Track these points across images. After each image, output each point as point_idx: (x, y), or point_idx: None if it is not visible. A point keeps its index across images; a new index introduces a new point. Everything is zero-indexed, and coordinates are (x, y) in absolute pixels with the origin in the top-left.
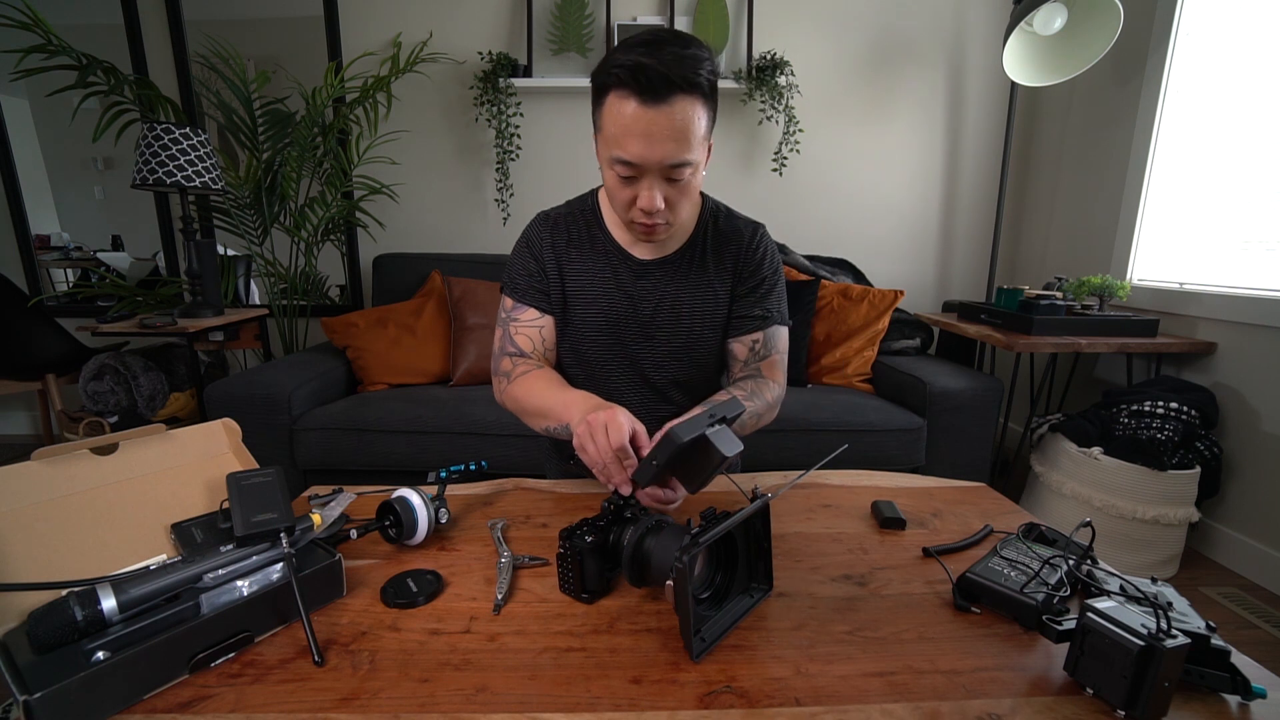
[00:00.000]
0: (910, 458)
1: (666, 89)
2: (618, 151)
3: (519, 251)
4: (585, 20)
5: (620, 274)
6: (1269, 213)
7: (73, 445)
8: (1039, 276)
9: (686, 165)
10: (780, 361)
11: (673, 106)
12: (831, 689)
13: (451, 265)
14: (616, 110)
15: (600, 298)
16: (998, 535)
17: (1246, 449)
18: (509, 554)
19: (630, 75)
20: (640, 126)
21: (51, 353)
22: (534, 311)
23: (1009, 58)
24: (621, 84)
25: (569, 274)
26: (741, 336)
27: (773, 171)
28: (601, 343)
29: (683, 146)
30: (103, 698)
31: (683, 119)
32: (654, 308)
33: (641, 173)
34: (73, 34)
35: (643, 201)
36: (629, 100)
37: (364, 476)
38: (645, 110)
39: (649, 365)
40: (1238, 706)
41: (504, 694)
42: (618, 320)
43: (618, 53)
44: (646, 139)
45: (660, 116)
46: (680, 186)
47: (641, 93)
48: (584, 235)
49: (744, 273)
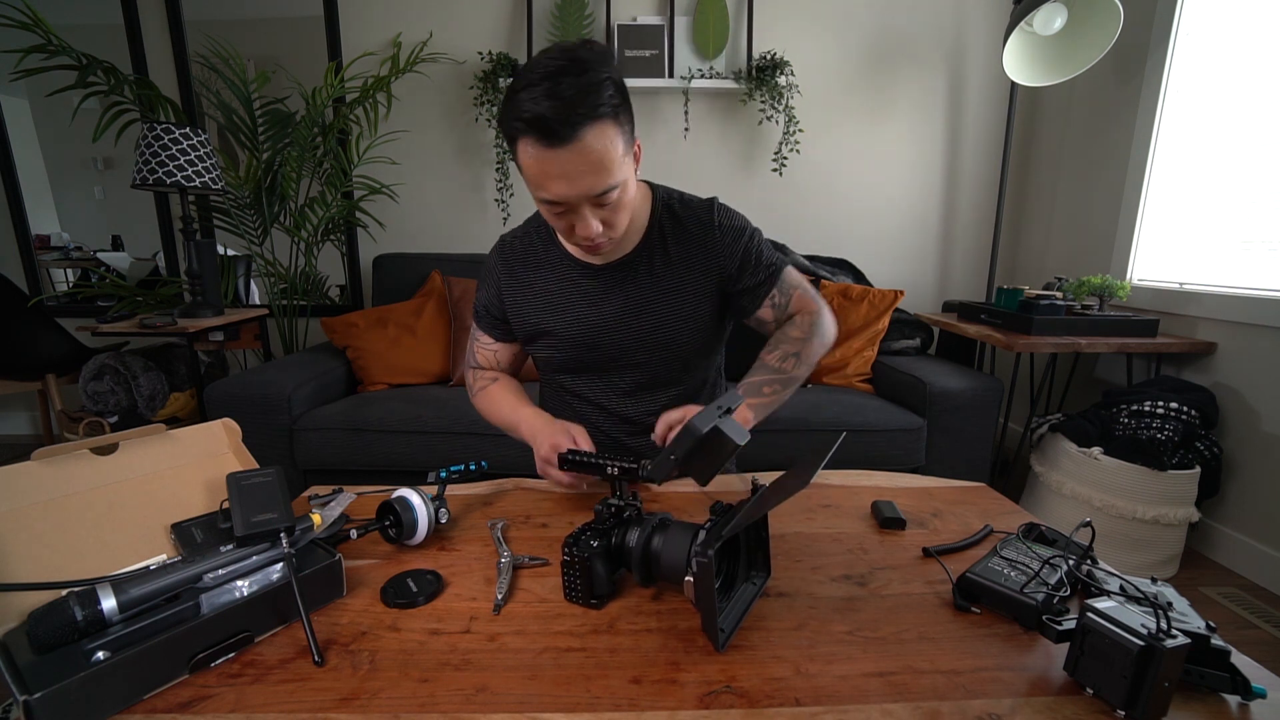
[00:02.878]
0: (910, 458)
1: (571, 128)
2: (541, 193)
3: (482, 282)
4: (585, 20)
5: (581, 284)
6: (1269, 213)
7: (73, 445)
8: (1039, 276)
9: (612, 189)
10: (802, 294)
11: (583, 142)
12: (831, 689)
13: (451, 265)
14: (529, 157)
15: (566, 310)
16: (998, 535)
17: (1246, 449)
18: (509, 554)
19: (530, 126)
20: (555, 169)
21: (51, 353)
22: (489, 338)
23: (1009, 58)
24: (525, 134)
25: (531, 294)
26: (762, 304)
27: (773, 171)
28: (576, 353)
29: (603, 175)
30: (103, 698)
31: (596, 150)
32: (619, 309)
33: (570, 206)
34: (73, 34)
35: (581, 231)
36: (535, 145)
37: (364, 476)
38: (556, 153)
39: (627, 367)
40: (1238, 706)
41: (504, 694)
42: (588, 329)
43: (520, 94)
44: (565, 179)
45: (572, 155)
46: (613, 205)
47: (547, 138)
48: (540, 253)
49: (725, 255)
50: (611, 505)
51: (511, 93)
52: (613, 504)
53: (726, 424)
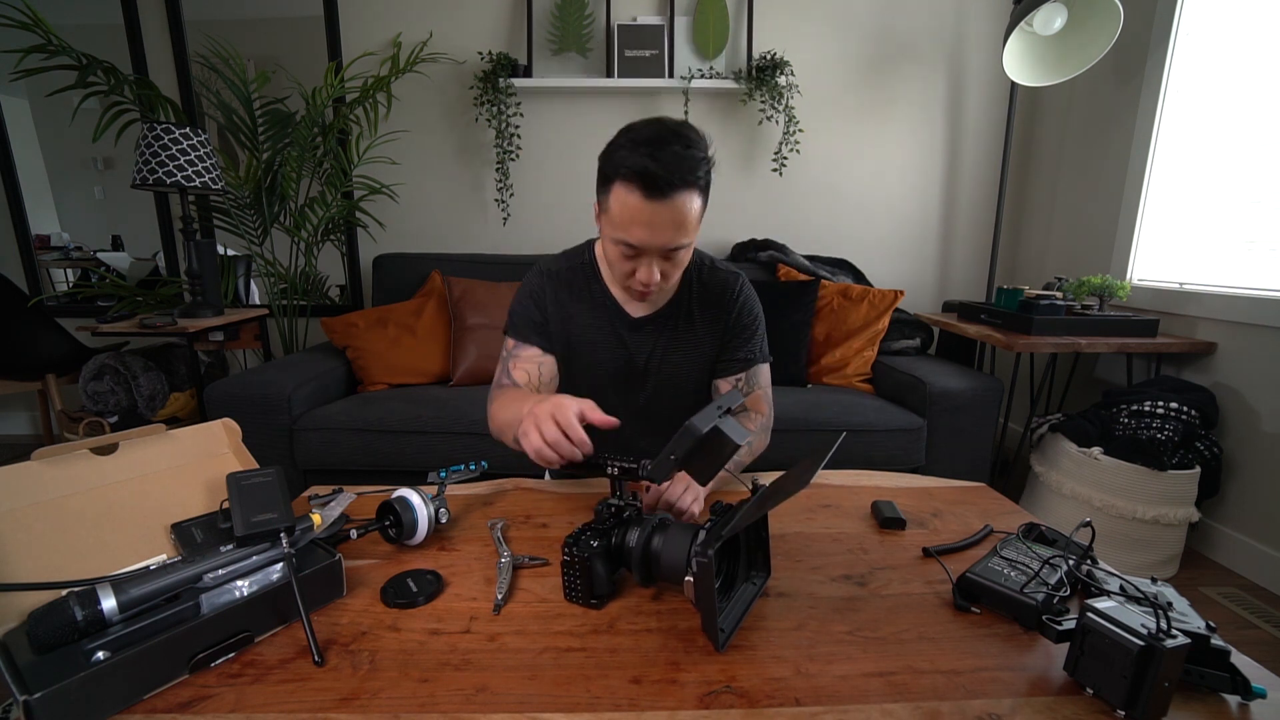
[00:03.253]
0: (910, 458)
1: (670, 188)
2: (622, 235)
3: (522, 300)
4: (585, 20)
5: (617, 327)
6: (1269, 213)
7: (73, 445)
8: (1039, 276)
9: (682, 247)
10: (764, 395)
11: (673, 201)
12: (831, 689)
13: (451, 265)
14: (622, 201)
15: (600, 348)
16: (998, 535)
17: (1246, 449)
18: (509, 554)
19: (636, 176)
20: (644, 218)
21: (51, 353)
22: (535, 349)
23: (1009, 58)
24: (629, 180)
25: (571, 325)
26: (727, 377)
27: (773, 171)
28: (601, 386)
29: (680, 233)
30: (103, 698)
31: (681, 211)
32: (646, 358)
33: (642, 253)
34: (73, 34)
35: (642, 276)
36: (634, 194)
37: (364, 476)
38: (648, 204)
39: (643, 403)
40: (1238, 706)
41: (504, 694)
42: (615, 367)
43: (623, 149)
44: (649, 228)
45: (662, 209)
46: (675, 261)
47: (646, 191)
48: (584, 289)
49: (732, 325)
50: (611, 505)
51: (623, 142)
52: (613, 504)
53: (726, 424)
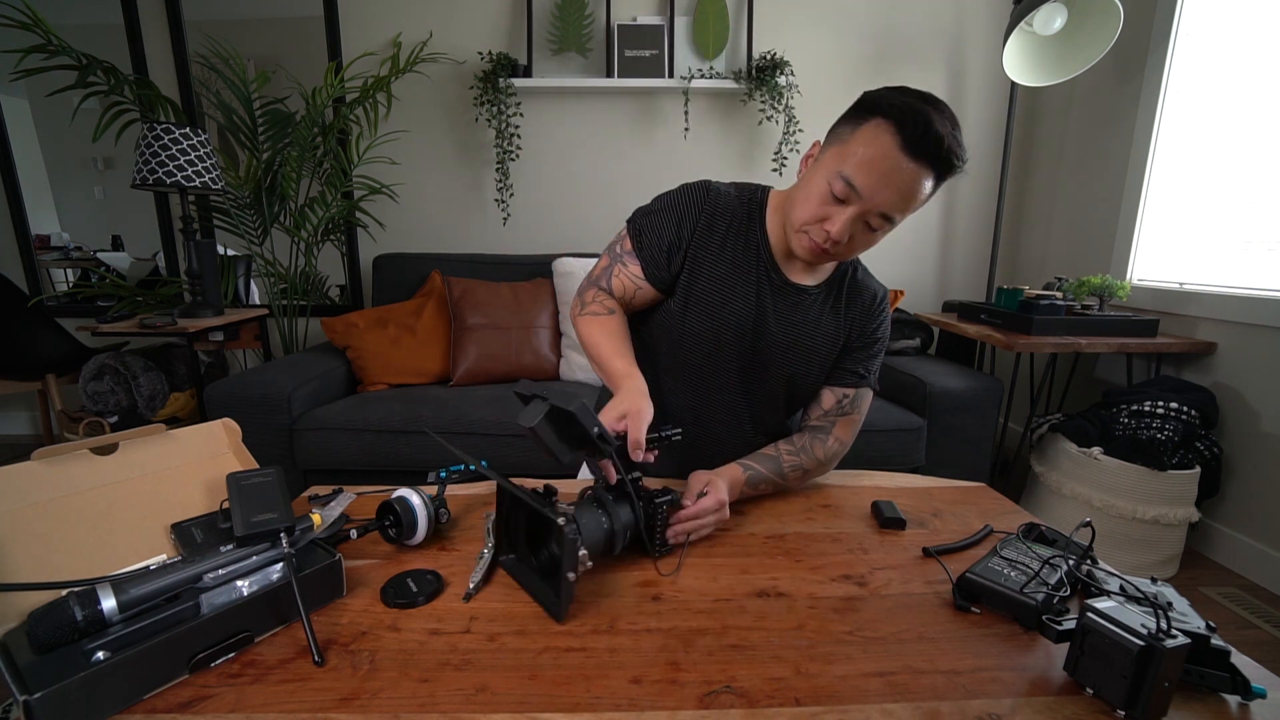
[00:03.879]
0: (910, 458)
1: (928, 150)
2: (851, 172)
3: (669, 209)
4: (585, 20)
5: (762, 284)
6: (1269, 213)
7: (73, 445)
8: (1039, 276)
9: (892, 220)
10: (858, 422)
11: (922, 167)
12: (831, 689)
13: (451, 265)
14: (874, 138)
15: (734, 297)
16: (998, 535)
17: (1246, 449)
18: (492, 545)
19: (911, 118)
20: (887, 165)
21: (51, 353)
22: (640, 271)
23: (1009, 58)
24: (896, 119)
25: (710, 259)
26: (835, 387)
27: (773, 171)
28: (715, 339)
29: (905, 205)
30: (103, 698)
31: (921, 186)
32: (783, 327)
33: (853, 203)
34: (73, 34)
35: (833, 227)
36: (892, 137)
37: (364, 476)
38: (900, 156)
39: (739, 383)
40: (1238, 706)
41: (504, 694)
42: (740, 324)
43: (899, 94)
44: (884, 179)
45: (908, 170)
46: (870, 235)
47: (909, 139)
48: (741, 230)
49: (863, 330)
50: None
51: (899, 91)
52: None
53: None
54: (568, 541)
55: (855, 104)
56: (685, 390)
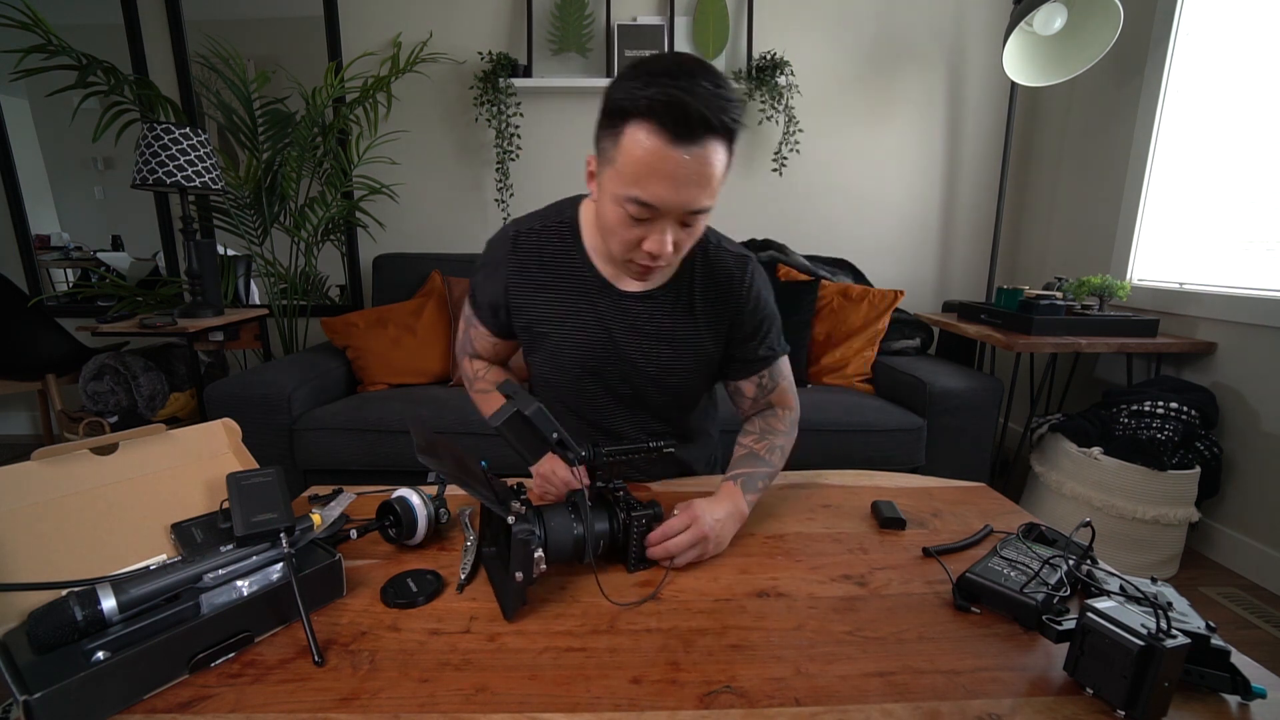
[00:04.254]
0: (910, 458)
1: (702, 129)
2: (635, 191)
3: (485, 267)
4: (585, 20)
5: (599, 305)
6: (1269, 213)
7: (73, 445)
8: (1039, 276)
9: (704, 210)
10: (787, 387)
11: (704, 149)
12: (831, 689)
13: (451, 265)
14: (639, 145)
15: (577, 330)
16: (998, 535)
17: (1246, 449)
18: (474, 538)
19: (664, 109)
20: (668, 168)
21: (51, 353)
22: (486, 331)
23: (1009, 58)
24: (651, 117)
25: (539, 300)
26: (748, 378)
27: (772, 171)
28: (575, 372)
29: (706, 191)
30: (103, 698)
31: (710, 162)
32: (636, 343)
33: (657, 215)
34: (73, 34)
35: (652, 245)
36: (656, 137)
37: (364, 476)
38: (674, 151)
39: (625, 397)
40: (1238, 706)
41: (504, 694)
42: (595, 351)
43: (639, 79)
44: (673, 182)
45: (691, 159)
46: (691, 230)
47: (674, 131)
48: (560, 258)
49: (741, 318)
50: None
51: (638, 73)
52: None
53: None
54: (517, 541)
55: (603, 109)
56: (588, 411)
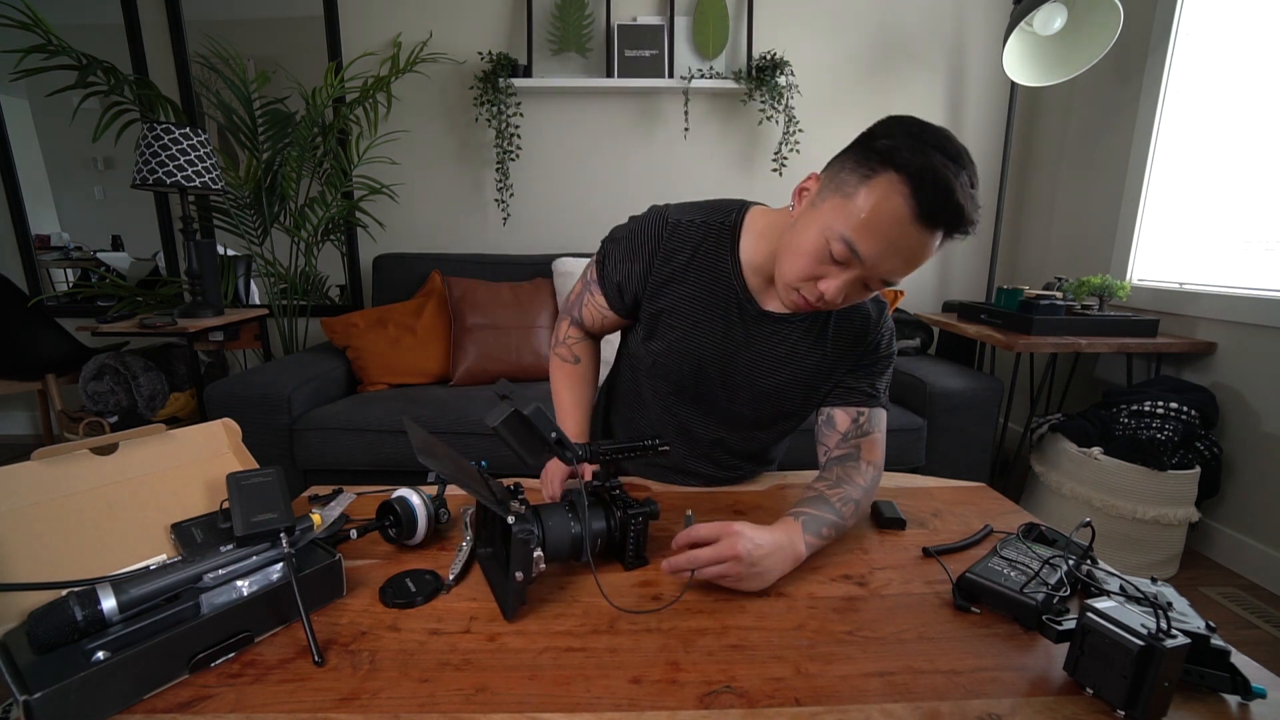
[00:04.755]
0: (910, 458)
1: (946, 223)
2: (854, 236)
3: (625, 241)
4: (585, 20)
5: (732, 315)
6: (1269, 213)
7: (73, 445)
8: (1039, 276)
9: (894, 283)
10: (879, 441)
11: (933, 236)
12: (831, 689)
13: (451, 265)
14: (887, 200)
15: (707, 333)
16: (998, 535)
17: (1246, 449)
18: (470, 538)
19: (931, 186)
20: (896, 233)
21: (51, 353)
22: (604, 302)
23: (1009, 58)
24: (913, 184)
25: (679, 293)
26: (847, 407)
27: (773, 171)
28: (687, 372)
29: (909, 269)
30: (103, 698)
31: (929, 248)
32: (760, 361)
33: (853, 268)
34: (73, 34)
35: (828, 288)
36: (908, 204)
37: (364, 476)
38: (914, 224)
39: (721, 409)
40: (1238, 706)
41: (504, 694)
42: (716, 358)
43: (912, 139)
44: (891, 247)
45: (919, 238)
46: (865, 293)
47: (928, 210)
48: (710, 259)
49: (864, 350)
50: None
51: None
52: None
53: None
54: (517, 541)
55: (864, 146)
56: (662, 404)
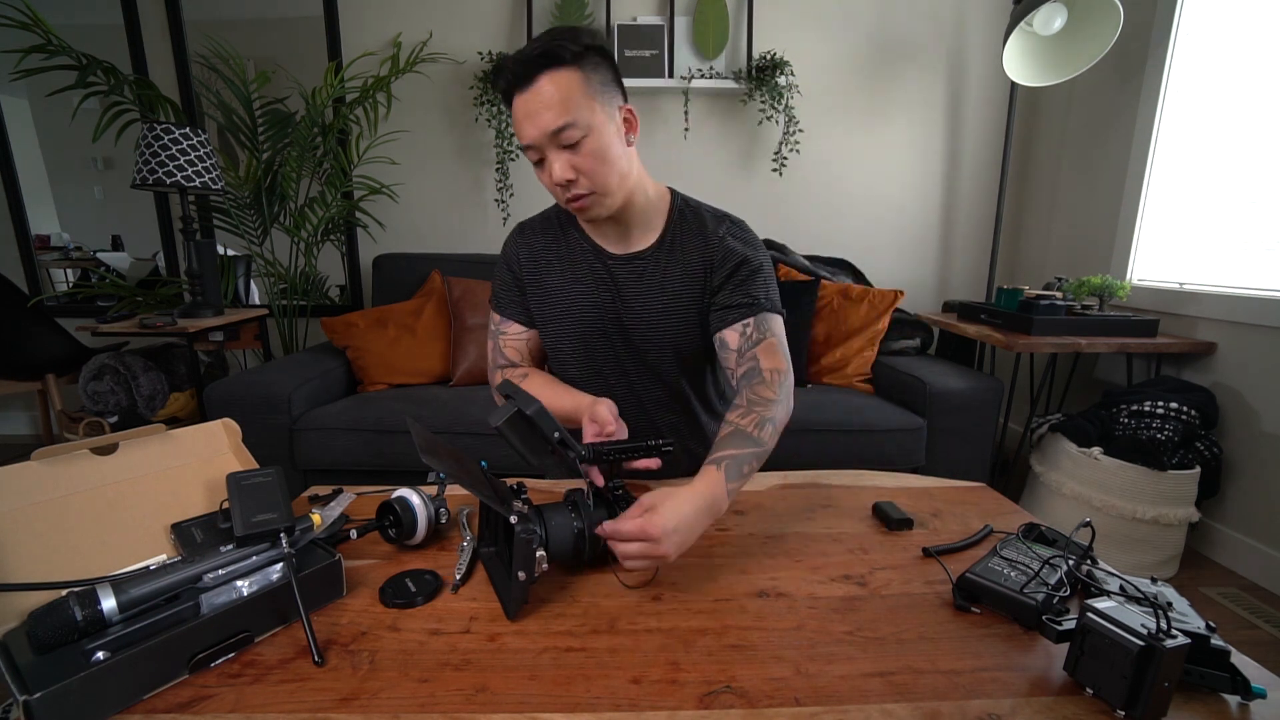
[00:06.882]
0: (910, 458)
1: (526, 72)
2: (519, 140)
3: (499, 267)
4: (585, 20)
5: (597, 271)
6: (1269, 213)
7: (73, 445)
8: (1039, 276)
9: (570, 128)
10: (777, 345)
11: (538, 84)
12: (831, 689)
13: (451, 265)
14: (511, 110)
15: (582, 296)
16: (998, 535)
17: (1246, 449)
18: (470, 537)
19: (499, 76)
20: (521, 112)
21: (51, 353)
22: (518, 326)
23: (1009, 58)
24: (501, 88)
25: (548, 278)
26: (732, 326)
27: (772, 171)
28: (583, 336)
29: (559, 113)
30: (103, 698)
31: (550, 90)
32: (633, 303)
33: (542, 150)
34: (73, 34)
35: (552, 175)
36: (510, 96)
37: (364, 476)
38: (520, 96)
39: (632, 366)
40: (1238, 706)
41: (504, 694)
42: (600, 317)
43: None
44: (528, 119)
45: (530, 96)
46: (583, 153)
47: (512, 85)
48: (559, 237)
49: (714, 262)
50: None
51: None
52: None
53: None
54: (519, 540)
55: None
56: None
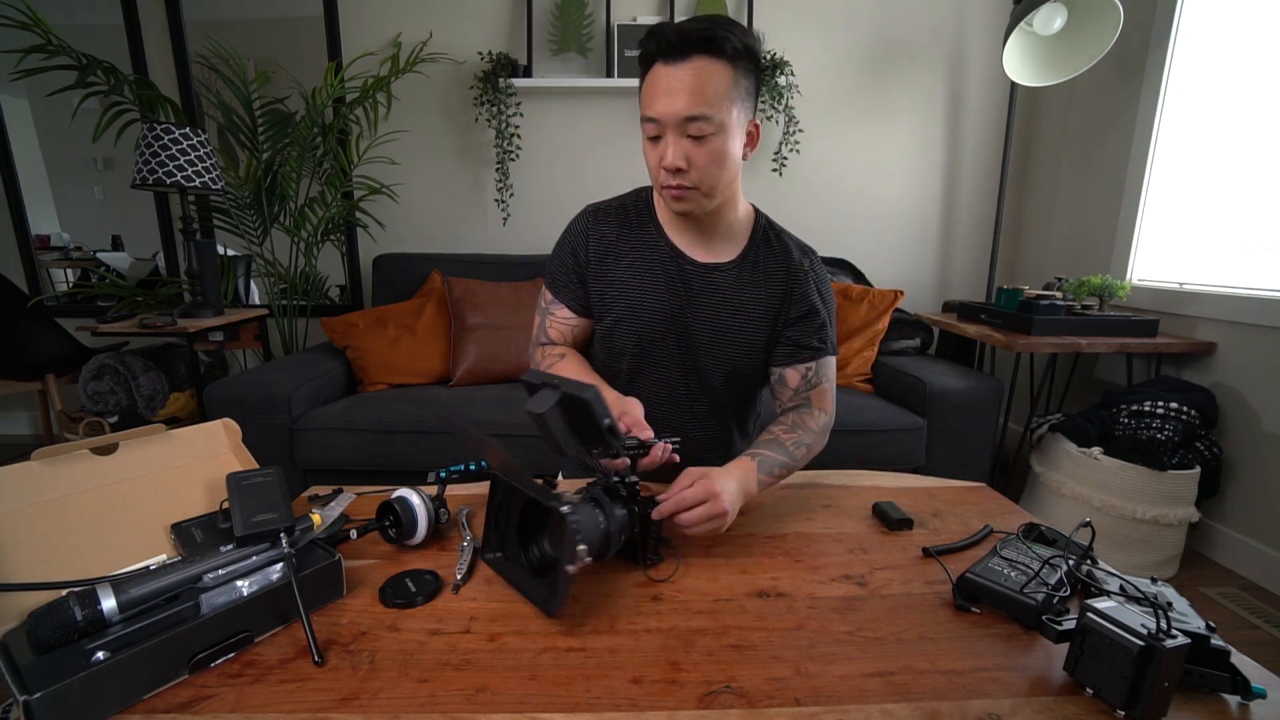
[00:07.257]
0: (910, 458)
1: (683, 47)
2: (644, 110)
3: (560, 245)
4: (585, 20)
5: (671, 274)
6: (1269, 213)
7: (73, 445)
8: (1039, 276)
9: (703, 119)
10: (829, 390)
11: (690, 63)
12: (831, 689)
13: (451, 265)
14: (648, 76)
15: (651, 296)
16: (998, 535)
17: (1246, 449)
18: (470, 537)
19: (651, 38)
20: (661, 84)
21: (51, 353)
22: (568, 311)
23: (1009, 58)
24: (648, 50)
25: (617, 269)
26: (795, 365)
27: (773, 171)
28: (643, 337)
29: (698, 100)
30: (103, 698)
31: (700, 76)
32: (703, 313)
33: (663, 129)
34: (73, 34)
35: (665, 158)
36: (654, 62)
37: (364, 476)
38: (665, 68)
39: (684, 374)
40: (1238, 706)
41: (504, 694)
42: (665, 320)
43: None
44: (666, 95)
45: (677, 72)
46: (703, 147)
47: (660, 52)
48: (634, 229)
49: (794, 295)
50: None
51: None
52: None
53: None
54: (569, 531)
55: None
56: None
